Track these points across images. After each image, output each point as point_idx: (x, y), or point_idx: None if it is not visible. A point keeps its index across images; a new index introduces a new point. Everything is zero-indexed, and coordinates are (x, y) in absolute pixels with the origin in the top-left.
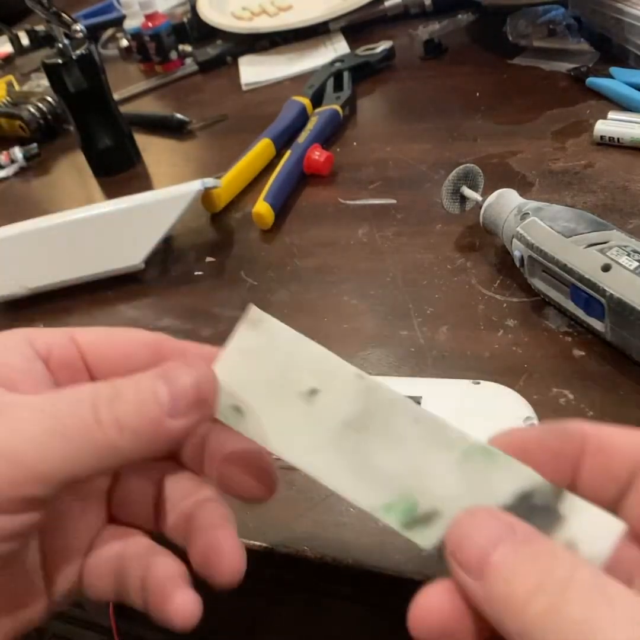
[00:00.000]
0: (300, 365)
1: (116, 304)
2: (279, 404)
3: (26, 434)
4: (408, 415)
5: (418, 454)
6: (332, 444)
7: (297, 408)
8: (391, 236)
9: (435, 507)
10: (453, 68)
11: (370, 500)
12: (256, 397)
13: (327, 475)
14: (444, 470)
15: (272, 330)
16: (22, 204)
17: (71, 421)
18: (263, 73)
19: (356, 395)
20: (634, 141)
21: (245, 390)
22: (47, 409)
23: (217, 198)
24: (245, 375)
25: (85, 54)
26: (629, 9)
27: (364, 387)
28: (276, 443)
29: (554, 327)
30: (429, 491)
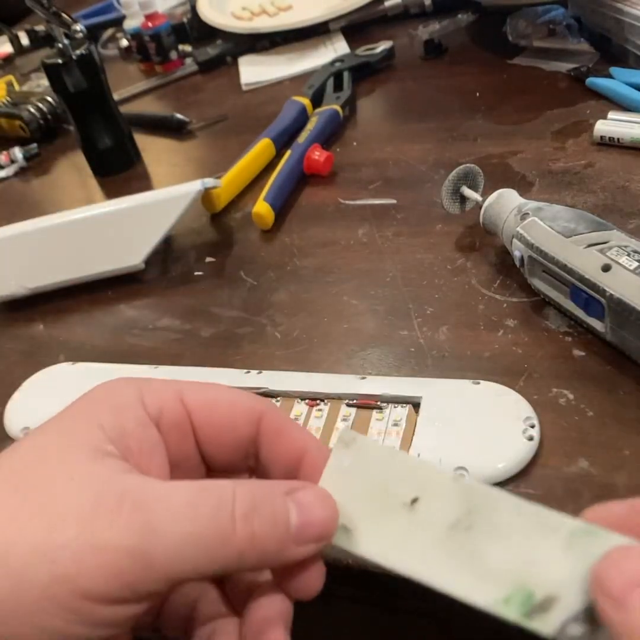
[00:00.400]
0: (397, 477)
1: (116, 304)
2: (383, 518)
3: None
4: (509, 509)
5: (526, 544)
6: (441, 548)
7: (402, 519)
8: (391, 236)
9: (551, 592)
10: (453, 68)
11: (488, 597)
12: (360, 514)
13: (441, 580)
14: (554, 555)
15: (365, 448)
16: (22, 204)
17: (210, 529)
18: (263, 73)
19: (456, 498)
20: (634, 141)
21: (348, 508)
22: (187, 512)
23: (217, 198)
24: (346, 494)
25: (85, 54)
26: (629, 9)
27: (462, 488)
28: (386, 556)
29: (554, 327)
30: (543, 578)
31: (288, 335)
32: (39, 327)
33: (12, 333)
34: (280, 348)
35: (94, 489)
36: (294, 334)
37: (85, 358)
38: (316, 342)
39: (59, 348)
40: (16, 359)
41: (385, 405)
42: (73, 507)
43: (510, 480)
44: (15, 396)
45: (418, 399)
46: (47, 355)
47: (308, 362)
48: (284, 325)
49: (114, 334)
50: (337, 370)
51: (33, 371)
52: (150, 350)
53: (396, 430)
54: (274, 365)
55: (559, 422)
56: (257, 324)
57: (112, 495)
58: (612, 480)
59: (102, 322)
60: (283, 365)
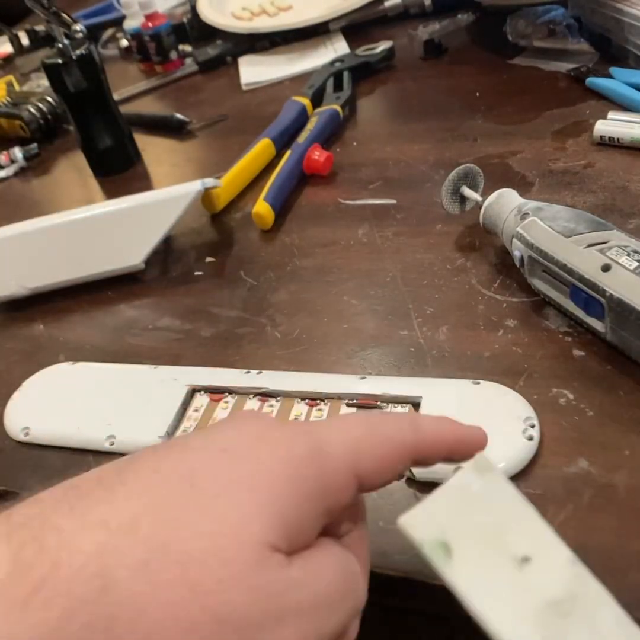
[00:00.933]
0: (519, 528)
1: (116, 304)
2: (489, 559)
3: None
4: (612, 615)
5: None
6: (532, 619)
7: (507, 571)
8: (391, 236)
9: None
10: (453, 68)
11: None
12: (467, 544)
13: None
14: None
15: (497, 483)
16: (22, 204)
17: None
18: (263, 73)
19: (567, 579)
20: (634, 141)
21: (457, 531)
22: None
23: (217, 198)
24: (459, 517)
25: (85, 54)
26: (629, 9)
27: (576, 573)
28: (477, 598)
29: (554, 327)
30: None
31: (288, 335)
32: (39, 327)
33: (12, 333)
34: (280, 348)
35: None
36: (294, 334)
37: (85, 358)
38: (316, 342)
39: (59, 348)
40: (16, 359)
41: (385, 405)
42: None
43: (510, 480)
44: (15, 396)
45: (418, 399)
46: (47, 355)
47: (308, 362)
48: (284, 325)
49: (114, 334)
50: (337, 370)
51: (33, 371)
52: (150, 350)
53: None
54: (274, 365)
55: (559, 422)
56: (257, 324)
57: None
58: (612, 480)
59: (102, 322)
60: (283, 365)
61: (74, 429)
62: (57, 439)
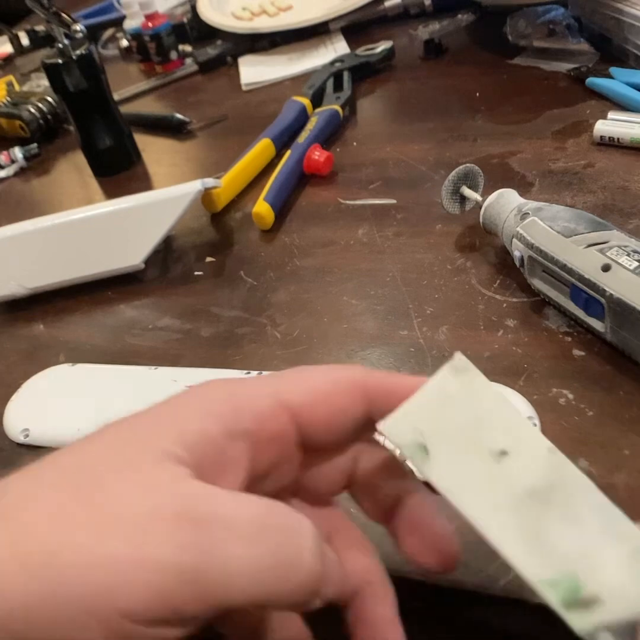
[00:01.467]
0: (495, 424)
1: (116, 304)
2: (467, 455)
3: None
4: (591, 499)
5: (593, 539)
6: (511, 508)
7: (485, 464)
8: (391, 236)
9: (598, 594)
10: (453, 68)
11: (536, 572)
12: (444, 442)
13: (499, 538)
14: (614, 561)
15: (474, 383)
16: (22, 204)
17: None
18: (263, 73)
19: (545, 467)
20: (634, 141)
21: (435, 432)
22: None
23: (217, 198)
24: (437, 418)
25: (85, 54)
26: (629, 9)
27: (554, 461)
28: (456, 493)
29: (554, 327)
30: (596, 577)
31: (288, 335)
32: (39, 327)
33: (12, 333)
34: (280, 348)
35: (152, 497)
36: (294, 334)
37: (85, 358)
38: (316, 342)
39: (59, 348)
40: (16, 359)
41: None
42: (126, 514)
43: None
44: (15, 397)
45: None
46: (47, 355)
47: (308, 362)
48: (284, 325)
49: (114, 334)
50: None
51: (33, 371)
52: (150, 350)
53: None
54: (274, 365)
55: (559, 422)
56: (257, 324)
57: (170, 506)
58: (612, 480)
59: (102, 322)
60: (283, 365)
61: (74, 431)
62: (57, 441)
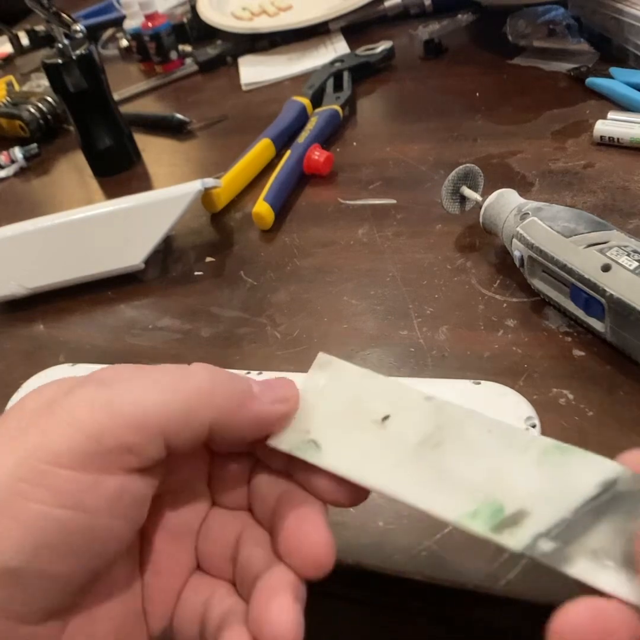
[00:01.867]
0: (371, 396)
1: (116, 304)
2: (354, 433)
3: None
4: (480, 426)
5: (496, 460)
6: (410, 463)
7: (372, 434)
8: (391, 236)
9: (522, 507)
10: (453, 68)
11: (455, 511)
12: (330, 430)
13: (408, 493)
14: (525, 471)
15: (341, 370)
16: (22, 204)
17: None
18: (263, 73)
19: (427, 415)
20: (634, 141)
21: (320, 425)
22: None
23: (217, 198)
24: (319, 412)
25: (85, 54)
26: (629, 9)
27: (434, 407)
28: (355, 470)
29: (554, 327)
30: (513, 493)
31: (288, 335)
32: (39, 327)
33: (12, 333)
34: (280, 348)
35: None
36: (294, 334)
37: (85, 358)
38: (316, 342)
39: (59, 348)
40: (16, 359)
41: None
42: None
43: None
44: (15, 397)
45: None
46: (47, 355)
47: (308, 362)
48: (284, 325)
49: (114, 334)
50: None
51: (33, 371)
52: (150, 350)
53: None
54: (274, 365)
55: (559, 422)
56: (257, 324)
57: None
58: None
59: (102, 322)
60: (283, 365)
61: None
62: None
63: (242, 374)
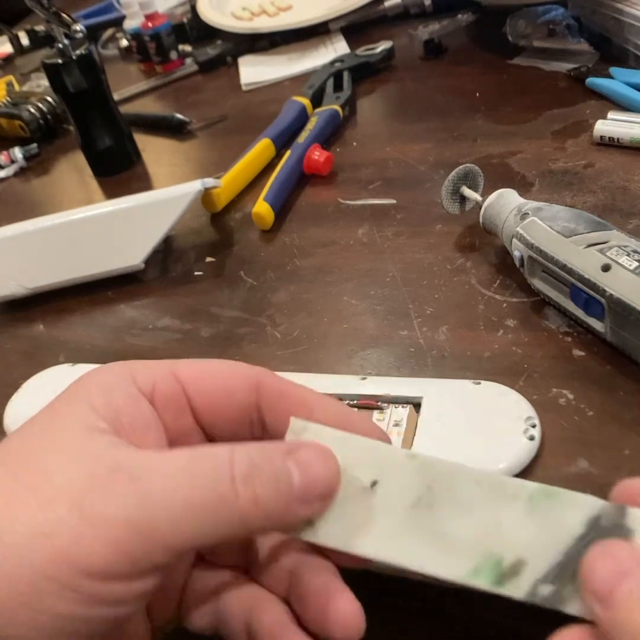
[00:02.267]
0: (354, 461)
1: (116, 304)
2: (344, 505)
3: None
4: (468, 480)
5: (488, 513)
6: (406, 528)
7: (363, 504)
8: (391, 236)
9: (519, 556)
10: (453, 68)
11: (458, 570)
12: None
13: (409, 560)
14: (516, 521)
15: (318, 436)
16: (22, 204)
17: (209, 494)
18: (263, 73)
19: (415, 476)
20: (634, 141)
21: None
22: (184, 478)
23: (217, 198)
24: None
25: (85, 54)
26: (629, 9)
27: (419, 464)
28: (351, 543)
29: (554, 327)
30: (509, 544)
31: (288, 335)
32: (39, 327)
33: (12, 333)
34: (280, 348)
35: (86, 464)
36: (294, 334)
37: (85, 358)
38: (316, 342)
39: (59, 348)
40: (16, 359)
41: (386, 405)
42: (66, 482)
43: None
44: (15, 397)
45: (419, 399)
46: (47, 355)
47: (308, 362)
48: (284, 325)
49: (114, 334)
50: (337, 370)
51: (33, 371)
52: (150, 350)
53: (397, 431)
54: (274, 366)
55: (559, 422)
56: (257, 324)
57: (105, 468)
58: (612, 480)
59: (102, 322)
60: (283, 365)
61: None
62: None
63: None
